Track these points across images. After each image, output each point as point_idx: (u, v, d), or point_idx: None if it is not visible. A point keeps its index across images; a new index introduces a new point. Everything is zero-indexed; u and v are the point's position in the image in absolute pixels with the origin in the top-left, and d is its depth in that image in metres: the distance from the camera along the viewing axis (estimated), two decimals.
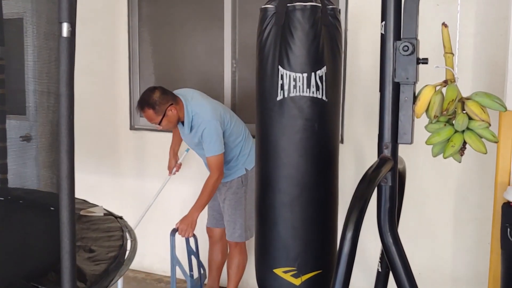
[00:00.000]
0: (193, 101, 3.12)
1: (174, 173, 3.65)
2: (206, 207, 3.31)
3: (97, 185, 4.02)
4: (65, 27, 1.59)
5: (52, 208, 2.65)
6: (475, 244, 3.04)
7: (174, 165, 3.64)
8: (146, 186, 4.02)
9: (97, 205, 2.94)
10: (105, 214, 2.78)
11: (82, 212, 2.73)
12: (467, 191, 3.04)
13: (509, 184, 2.46)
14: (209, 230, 3.44)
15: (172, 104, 3.04)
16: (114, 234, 2.42)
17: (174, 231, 3.11)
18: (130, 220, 2.88)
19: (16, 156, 3.02)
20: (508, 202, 2.33)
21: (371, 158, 1.93)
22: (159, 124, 3.07)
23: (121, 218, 2.75)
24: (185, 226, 3.06)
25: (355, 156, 3.29)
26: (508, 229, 2.26)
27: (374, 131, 1.97)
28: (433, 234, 3.14)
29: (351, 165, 3.23)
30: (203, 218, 3.38)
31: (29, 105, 2.97)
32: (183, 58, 3.92)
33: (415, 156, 2.92)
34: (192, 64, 3.89)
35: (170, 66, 4.00)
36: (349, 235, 1.69)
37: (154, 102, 3.01)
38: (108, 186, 4.13)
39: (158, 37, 4.01)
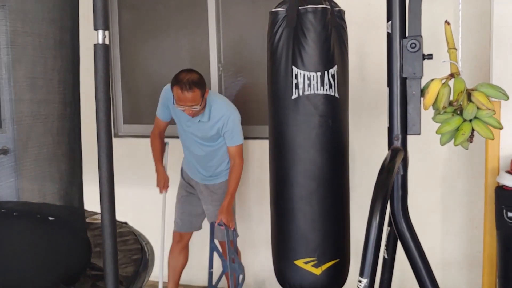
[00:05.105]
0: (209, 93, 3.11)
1: (167, 190, 3.47)
2: (180, 213, 3.36)
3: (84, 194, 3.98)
4: (100, 34, 1.63)
5: (51, 218, 2.64)
6: (462, 228, 3.22)
7: (166, 179, 3.44)
8: (132, 193, 4.02)
9: (97, 212, 2.94)
10: None
11: (87, 220, 2.73)
12: (453, 179, 3.22)
13: (498, 169, 2.64)
14: (181, 235, 3.42)
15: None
16: (128, 238, 2.44)
17: (213, 225, 3.20)
18: None
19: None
20: (502, 186, 2.50)
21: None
22: (200, 106, 2.96)
23: (125, 223, 2.77)
24: (229, 217, 3.10)
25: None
26: (504, 210, 2.43)
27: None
28: (422, 221, 3.27)
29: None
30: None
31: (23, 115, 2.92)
32: (168, 64, 3.95)
33: None
34: (177, 69, 3.92)
35: (154, 73, 4.02)
36: (375, 222, 1.80)
37: (202, 83, 2.96)
38: (93, 194, 4.09)
39: (140, 43, 4.02)
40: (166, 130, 3.38)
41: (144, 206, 3.94)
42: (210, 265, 3.21)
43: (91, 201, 2.63)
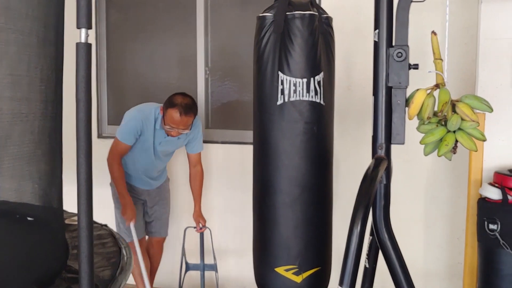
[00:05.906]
0: None
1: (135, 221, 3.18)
2: (137, 220, 3.24)
3: (64, 194, 3.93)
4: (83, 32, 1.60)
5: (29, 218, 2.59)
6: (444, 239, 3.23)
7: (134, 209, 3.16)
8: None
9: (76, 214, 2.90)
10: None
11: (66, 221, 2.68)
12: (436, 189, 3.22)
13: (481, 181, 2.64)
14: (140, 242, 3.34)
15: None
16: (106, 240, 2.40)
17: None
18: None
19: None
20: (484, 198, 2.51)
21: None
22: (188, 130, 3.05)
23: (105, 225, 2.73)
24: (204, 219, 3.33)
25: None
26: (486, 223, 2.43)
27: None
28: (405, 231, 3.27)
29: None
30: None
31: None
32: (155, 66, 3.92)
33: None
34: (164, 71, 3.90)
35: (140, 74, 3.99)
36: (356, 230, 1.79)
37: (196, 108, 3.02)
38: (73, 194, 4.04)
39: (127, 44, 3.99)
40: None
41: None
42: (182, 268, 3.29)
43: (71, 202, 2.58)
